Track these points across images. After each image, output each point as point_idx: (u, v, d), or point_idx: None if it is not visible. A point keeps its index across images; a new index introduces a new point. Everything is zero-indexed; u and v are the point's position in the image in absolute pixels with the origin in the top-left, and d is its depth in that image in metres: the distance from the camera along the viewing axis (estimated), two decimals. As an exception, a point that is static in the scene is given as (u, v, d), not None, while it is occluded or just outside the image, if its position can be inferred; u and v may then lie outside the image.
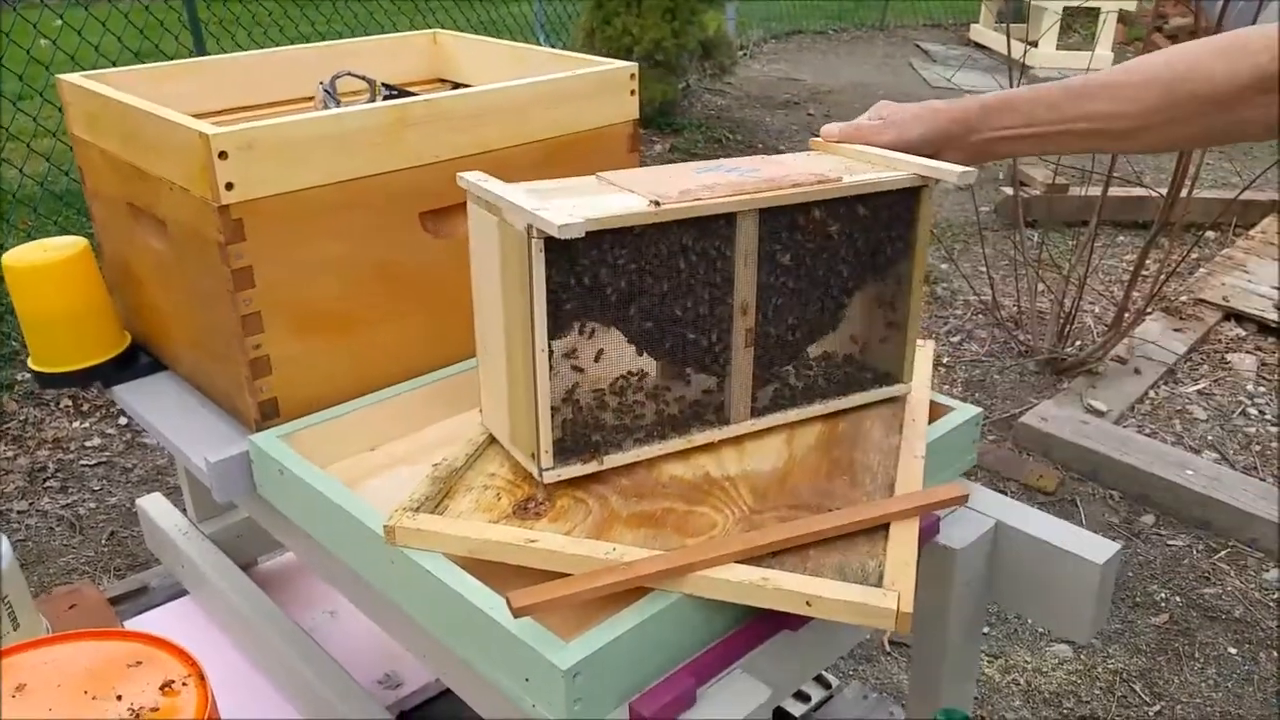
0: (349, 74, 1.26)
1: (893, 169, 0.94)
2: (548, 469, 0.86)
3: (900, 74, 6.66)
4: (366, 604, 0.97)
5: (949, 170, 0.91)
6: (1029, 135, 0.95)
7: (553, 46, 3.35)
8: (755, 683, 0.77)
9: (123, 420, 2.55)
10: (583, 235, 0.75)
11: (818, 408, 0.98)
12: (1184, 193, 2.50)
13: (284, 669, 1.26)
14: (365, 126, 0.99)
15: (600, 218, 0.79)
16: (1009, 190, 3.69)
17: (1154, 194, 2.74)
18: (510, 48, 1.40)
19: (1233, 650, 1.83)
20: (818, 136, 1.03)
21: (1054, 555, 0.94)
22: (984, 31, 7.70)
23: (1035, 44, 6.84)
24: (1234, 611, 1.91)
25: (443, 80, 1.47)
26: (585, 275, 0.82)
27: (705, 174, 0.92)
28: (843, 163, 0.97)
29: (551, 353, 0.82)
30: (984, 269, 3.05)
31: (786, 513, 0.85)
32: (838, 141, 1.01)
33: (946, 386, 2.72)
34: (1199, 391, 2.66)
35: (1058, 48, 6.65)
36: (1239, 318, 3.06)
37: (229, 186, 0.91)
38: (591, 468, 0.88)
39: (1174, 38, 7.50)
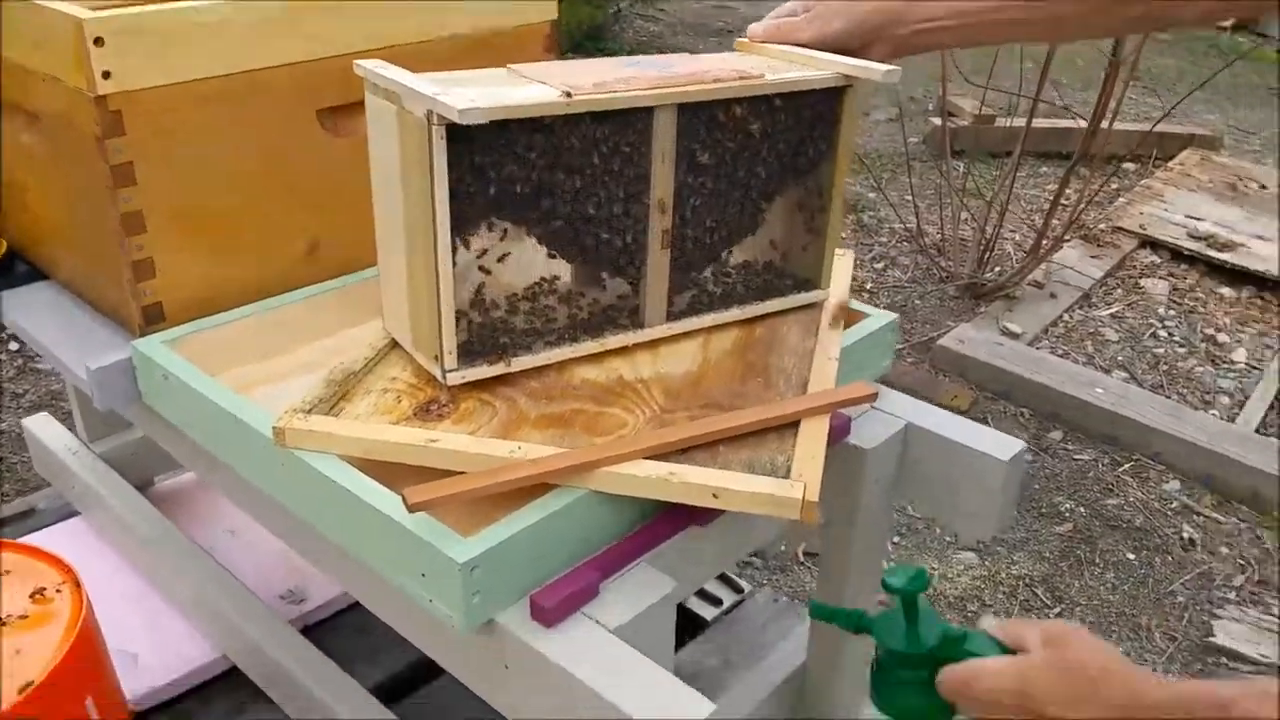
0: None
1: (817, 68, 0.91)
2: (451, 370, 0.83)
3: None
4: (264, 515, 0.94)
5: (874, 69, 0.89)
6: (955, 26, 0.91)
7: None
8: (659, 574, 0.76)
9: (14, 345, 2.44)
10: (485, 122, 0.72)
11: (735, 313, 0.97)
12: (1105, 124, 2.53)
13: (182, 588, 1.23)
14: (259, 15, 0.93)
15: (507, 105, 0.76)
16: (937, 121, 3.70)
17: (1078, 124, 2.77)
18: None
19: (1131, 556, 1.90)
20: (744, 38, 1.00)
21: (960, 453, 0.96)
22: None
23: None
24: (1135, 520, 1.99)
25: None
26: (491, 168, 0.79)
27: (624, 68, 0.89)
28: (766, 62, 0.94)
29: (455, 250, 0.80)
30: (910, 198, 3.07)
31: (698, 412, 0.84)
32: (763, 40, 0.98)
33: (869, 309, 2.75)
34: (1112, 315, 2.72)
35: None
36: (1154, 245, 3.14)
37: (105, 75, 0.85)
38: (498, 369, 0.86)
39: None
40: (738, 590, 1.37)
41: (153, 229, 0.92)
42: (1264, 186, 3.62)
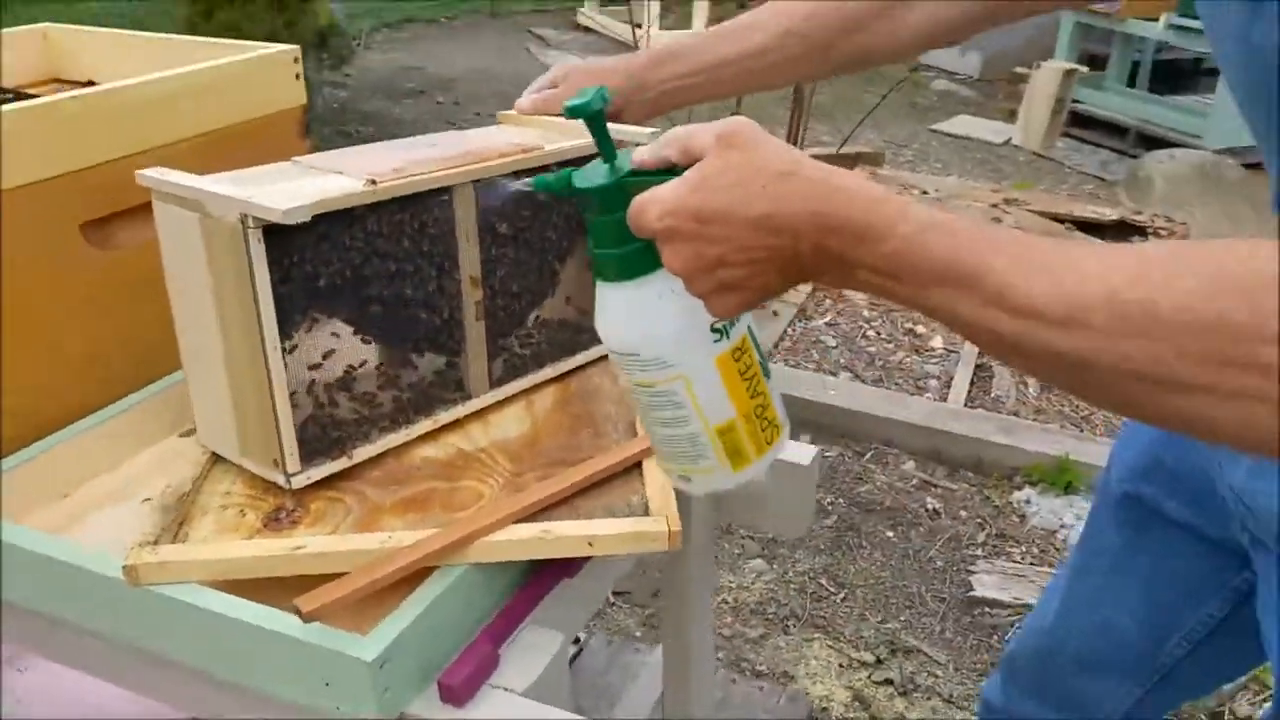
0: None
1: (583, 135, 0.98)
2: (295, 473, 0.82)
3: (518, 59, 6.81)
4: (110, 667, 0.86)
5: (640, 132, 0.97)
6: (694, 83, 1.02)
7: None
8: (548, 631, 0.79)
9: None
10: (308, 219, 0.73)
11: (549, 371, 1.02)
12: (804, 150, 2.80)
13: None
14: (12, 130, 0.87)
15: (323, 199, 0.76)
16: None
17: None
18: (142, 38, 1.28)
19: (890, 534, 2.12)
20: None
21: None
22: (591, 15, 8.04)
23: (640, 25, 7.29)
24: (885, 502, 2.22)
25: (61, 80, 1.31)
26: (308, 264, 0.79)
27: (408, 150, 0.91)
28: (537, 133, 1.00)
29: (283, 351, 0.79)
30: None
31: (545, 471, 0.87)
32: (529, 113, 1.04)
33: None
34: (826, 323, 3.01)
35: (660, 28, 7.10)
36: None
37: None
38: (341, 464, 0.85)
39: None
40: (575, 640, 1.40)
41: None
42: (925, 191, 4.14)
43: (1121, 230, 3.86)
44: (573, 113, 0.64)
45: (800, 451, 1.06)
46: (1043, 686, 1.05)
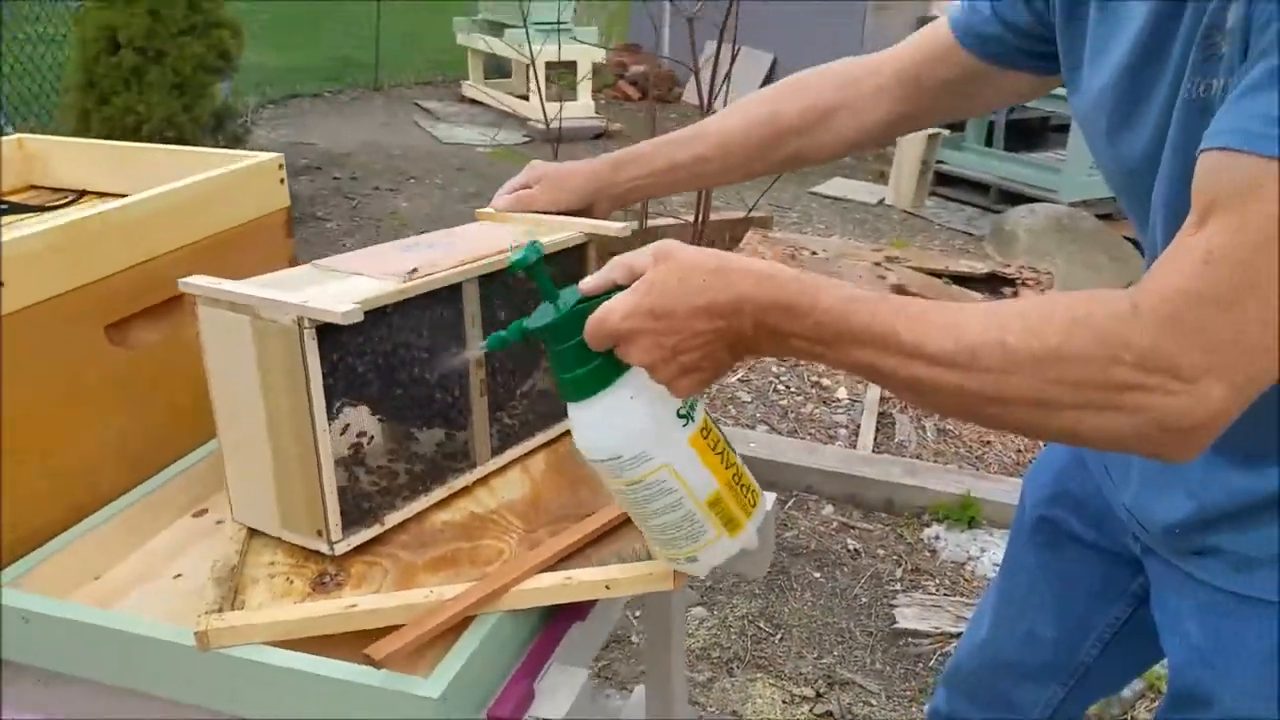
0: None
1: (565, 229, 1.12)
2: (338, 540, 0.91)
3: (409, 132, 6.91)
4: None
5: (611, 227, 1.12)
6: (653, 182, 1.17)
7: (17, 130, 3.04)
8: (574, 669, 0.90)
9: None
10: (361, 318, 0.84)
11: (540, 438, 1.13)
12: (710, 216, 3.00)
13: None
14: (44, 246, 0.95)
15: (368, 299, 0.87)
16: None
17: (684, 220, 3.25)
18: (109, 146, 1.37)
19: (818, 575, 2.28)
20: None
21: (738, 515, 1.19)
22: (475, 88, 8.21)
23: (526, 97, 7.50)
24: (810, 545, 2.38)
25: (37, 186, 1.38)
26: (349, 357, 0.90)
27: (413, 251, 1.03)
28: (521, 229, 1.13)
29: (330, 434, 0.89)
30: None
31: (554, 527, 0.99)
32: (507, 210, 1.17)
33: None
34: (740, 380, 3.19)
35: (546, 99, 7.31)
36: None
37: (-84, 326, 0.84)
38: (375, 531, 0.95)
39: (635, 83, 8.67)
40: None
41: (-25, 470, 0.90)
42: (814, 252, 4.41)
43: (993, 282, 4.18)
44: (515, 266, 0.76)
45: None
46: (981, 693, 1.20)
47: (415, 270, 0.95)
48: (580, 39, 5.95)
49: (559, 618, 0.94)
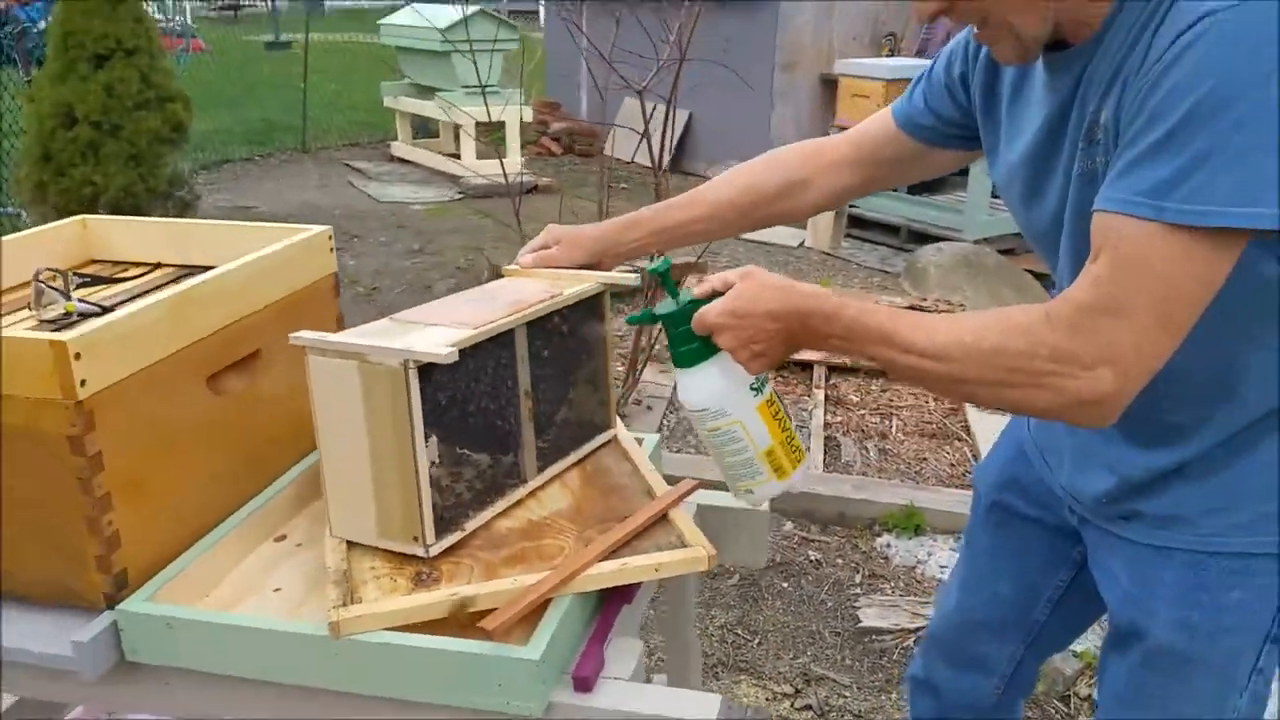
0: (46, 269, 1.32)
1: (584, 282, 1.33)
2: (432, 544, 1.10)
3: (345, 192, 7.06)
4: (295, 711, 1.08)
5: (624, 278, 1.33)
6: (654, 241, 1.39)
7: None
8: (632, 639, 1.10)
9: None
10: (457, 359, 1.03)
11: (572, 457, 1.33)
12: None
13: None
14: (168, 310, 1.13)
15: (457, 341, 1.07)
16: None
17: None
18: (163, 224, 1.55)
19: (785, 585, 2.49)
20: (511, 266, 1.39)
21: (737, 514, 1.39)
22: (404, 147, 8.39)
23: (457, 155, 7.71)
24: (776, 559, 2.60)
25: (96, 260, 1.54)
26: (439, 393, 1.09)
27: (469, 304, 1.23)
28: (545, 282, 1.33)
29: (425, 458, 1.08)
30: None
31: (601, 527, 1.19)
32: (531, 267, 1.38)
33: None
34: (692, 413, 3.42)
35: (479, 158, 7.50)
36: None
37: (83, 383, 1.01)
38: (458, 535, 1.13)
39: (557, 139, 8.94)
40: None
41: (117, 504, 1.06)
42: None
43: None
44: (653, 272, 1.10)
45: (755, 502, 1.42)
46: (955, 654, 1.42)
47: (484, 319, 1.15)
48: (508, 100, 6.19)
49: (611, 600, 1.13)
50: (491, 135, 7.93)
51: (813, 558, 2.60)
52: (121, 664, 1.08)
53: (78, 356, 1.00)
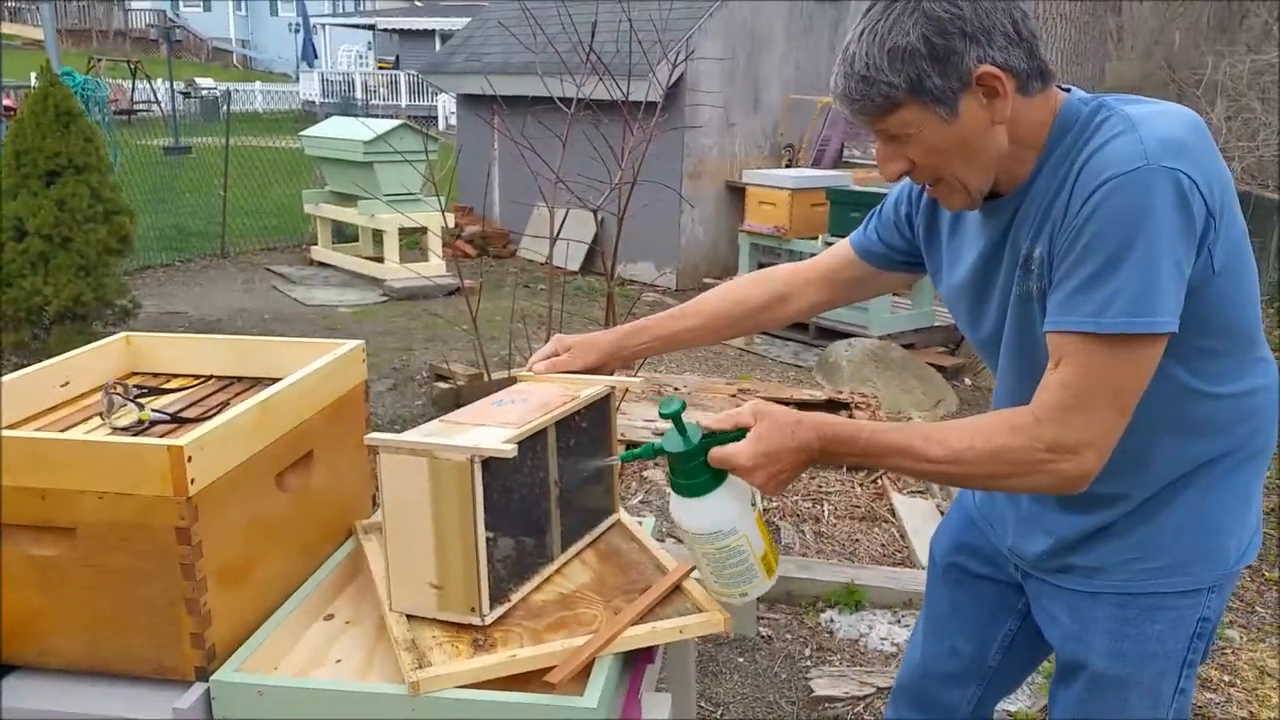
0: (114, 383, 1.47)
1: (594, 385, 1.54)
2: (488, 614, 1.27)
3: (270, 296, 7.13)
4: None
5: (631, 381, 1.55)
6: (655, 346, 1.62)
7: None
8: (661, 693, 1.28)
9: None
10: (516, 453, 1.23)
11: (587, 538, 1.52)
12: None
13: None
14: (253, 419, 1.30)
15: (513, 436, 1.26)
16: (440, 384, 4.43)
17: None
18: (199, 339, 1.71)
19: (741, 659, 2.67)
20: (525, 372, 1.59)
21: (730, 587, 1.59)
22: (325, 251, 8.50)
23: (379, 259, 7.87)
24: (730, 636, 2.77)
25: (139, 373, 1.68)
26: (492, 482, 1.27)
27: (506, 406, 1.42)
28: (559, 386, 1.54)
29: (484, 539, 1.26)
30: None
31: (626, 598, 1.37)
32: (544, 373, 1.58)
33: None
34: (640, 501, 3.60)
35: (401, 261, 7.65)
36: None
37: (192, 481, 1.16)
38: (507, 606, 1.31)
39: (471, 241, 9.17)
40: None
41: (211, 586, 1.21)
42: (677, 388, 4.92)
43: (831, 406, 4.80)
44: (664, 412, 1.24)
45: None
46: (921, 699, 1.63)
47: (522, 420, 1.35)
48: (431, 206, 6.42)
49: (639, 660, 1.32)
50: (406, 240, 8.13)
51: (764, 634, 2.79)
52: (214, 730, 1.21)
53: (189, 459, 1.16)
